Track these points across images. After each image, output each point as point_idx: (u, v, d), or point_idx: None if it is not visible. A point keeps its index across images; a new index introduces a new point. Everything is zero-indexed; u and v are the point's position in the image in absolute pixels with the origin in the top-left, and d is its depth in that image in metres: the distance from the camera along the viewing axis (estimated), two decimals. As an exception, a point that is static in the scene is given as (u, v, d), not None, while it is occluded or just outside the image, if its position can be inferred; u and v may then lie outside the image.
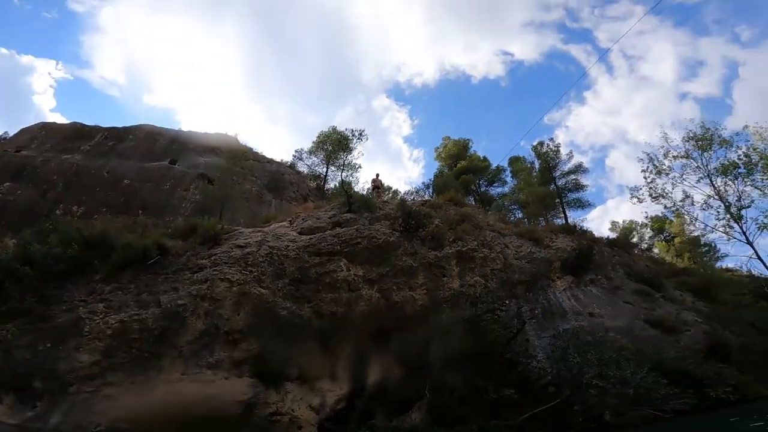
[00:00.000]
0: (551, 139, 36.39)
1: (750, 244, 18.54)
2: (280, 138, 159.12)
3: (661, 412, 10.48)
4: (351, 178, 28.02)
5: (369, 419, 10.31)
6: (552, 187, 30.06)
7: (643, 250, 31.50)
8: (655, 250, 35.64)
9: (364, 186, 26.17)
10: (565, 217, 28.44)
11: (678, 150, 20.81)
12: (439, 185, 29.61)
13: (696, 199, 20.42)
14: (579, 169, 30.52)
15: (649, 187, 21.19)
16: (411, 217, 14.16)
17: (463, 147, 38.21)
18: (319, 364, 10.59)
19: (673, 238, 36.30)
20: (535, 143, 33.04)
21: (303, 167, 29.07)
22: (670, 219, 35.07)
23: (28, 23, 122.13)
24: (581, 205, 29.90)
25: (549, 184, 30.18)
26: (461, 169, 35.05)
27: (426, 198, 24.67)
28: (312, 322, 10.81)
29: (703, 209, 20.29)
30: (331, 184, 28.32)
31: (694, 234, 27.70)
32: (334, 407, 10.32)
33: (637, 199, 21.59)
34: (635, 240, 35.71)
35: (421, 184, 36.08)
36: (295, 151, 32.28)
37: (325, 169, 28.87)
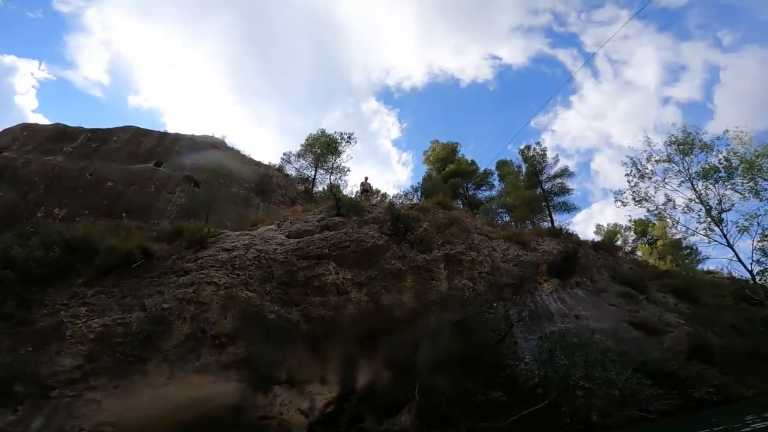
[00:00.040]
0: (538, 143, 37.02)
1: (730, 246, 18.95)
2: (267, 140, 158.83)
3: (646, 412, 10.68)
4: (339, 181, 27.94)
5: (358, 422, 10.27)
6: (538, 190, 30.33)
7: (627, 253, 32.11)
8: (639, 253, 36.38)
9: (352, 189, 26.12)
10: (552, 221, 28.71)
11: (660, 154, 21.26)
12: (427, 188, 29.64)
13: (678, 202, 20.86)
14: (565, 173, 30.81)
15: (633, 191, 21.53)
16: (399, 221, 14.20)
17: (452, 150, 38.47)
18: (308, 367, 10.51)
19: (655, 240, 37.07)
20: (522, 147, 33.37)
21: (291, 170, 28.82)
22: (653, 222, 35.91)
23: (13, 23, 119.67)
24: (567, 208, 30.16)
25: (536, 187, 30.45)
26: (449, 173, 35.25)
27: (414, 201, 24.81)
28: (300, 325, 10.74)
29: (685, 212, 20.72)
30: (320, 188, 28.20)
31: (676, 237, 28.54)
32: (324, 411, 10.24)
33: (621, 203, 21.88)
34: (619, 243, 36.48)
35: (409, 188, 36.08)
36: (284, 153, 32.11)
37: (313, 172, 28.67)
